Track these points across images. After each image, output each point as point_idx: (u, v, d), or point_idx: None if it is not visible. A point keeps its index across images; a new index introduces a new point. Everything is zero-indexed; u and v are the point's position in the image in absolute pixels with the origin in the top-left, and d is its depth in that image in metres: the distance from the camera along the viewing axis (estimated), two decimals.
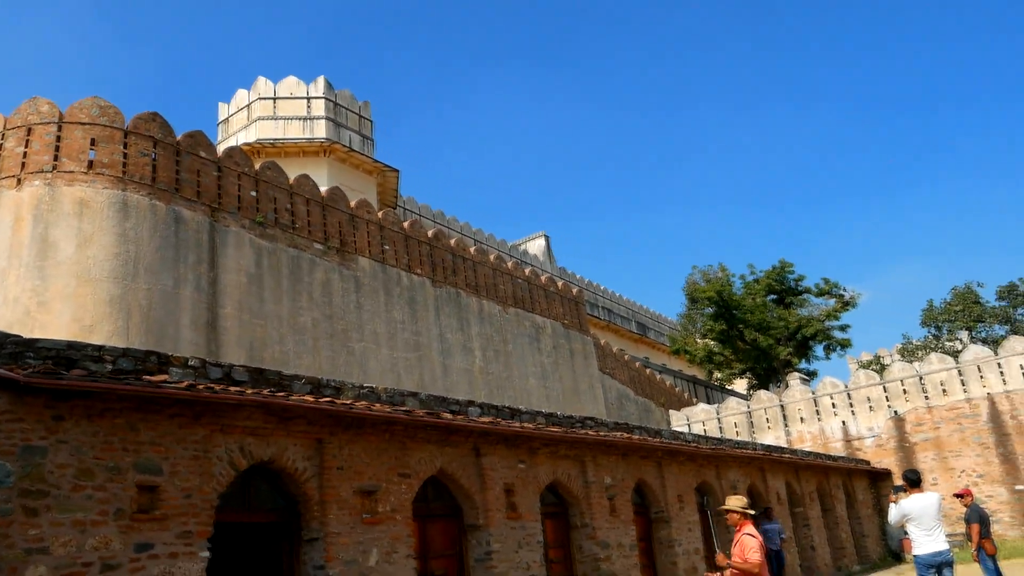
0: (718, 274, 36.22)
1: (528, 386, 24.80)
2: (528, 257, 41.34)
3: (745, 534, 6.91)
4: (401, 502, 9.03)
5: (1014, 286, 38.42)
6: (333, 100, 29.92)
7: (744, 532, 6.94)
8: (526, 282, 26.83)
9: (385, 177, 30.89)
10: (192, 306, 16.00)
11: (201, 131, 17.71)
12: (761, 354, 35.14)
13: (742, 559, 6.77)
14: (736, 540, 6.94)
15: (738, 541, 6.91)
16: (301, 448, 8.10)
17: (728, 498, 7.31)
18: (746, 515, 7.08)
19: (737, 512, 7.08)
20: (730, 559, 6.92)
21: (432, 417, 9.37)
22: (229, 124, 30.54)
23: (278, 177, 19.10)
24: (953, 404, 25.27)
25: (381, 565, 8.47)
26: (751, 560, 6.72)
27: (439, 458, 9.82)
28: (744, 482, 17.44)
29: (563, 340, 27.58)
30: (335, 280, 19.50)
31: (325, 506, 8.09)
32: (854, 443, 26.77)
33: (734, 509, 7.11)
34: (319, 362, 18.18)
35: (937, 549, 9.27)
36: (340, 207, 20.46)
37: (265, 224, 18.13)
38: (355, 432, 8.68)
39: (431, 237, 23.32)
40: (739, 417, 29.48)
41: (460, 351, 22.66)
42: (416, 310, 21.67)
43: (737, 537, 6.96)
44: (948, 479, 24.35)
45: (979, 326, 38.01)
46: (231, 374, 7.64)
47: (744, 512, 7.08)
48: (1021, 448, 23.85)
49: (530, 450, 11.39)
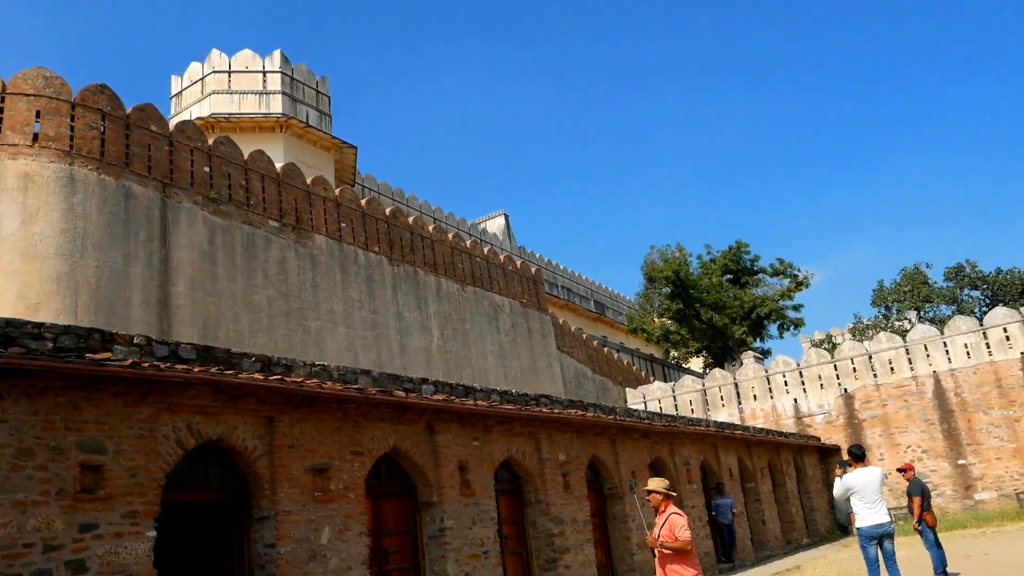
0: (675, 254, 36.62)
1: (486, 365, 24.87)
2: (487, 236, 41.30)
3: (672, 513, 7.00)
4: (354, 480, 9.03)
5: (961, 267, 39.43)
6: (289, 75, 29.44)
7: (670, 512, 7.02)
8: (485, 261, 26.82)
9: (343, 154, 30.56)
10: (143, 284, 15.72)
11: (152, 104, 17.31)
12: (717, 333, 35.68)
13: (672, 538, 6.85)
14: (664, 520, 7.01)
15: (666, 521, 6.97)
16: (251, 426, 8.04)
17: (650, 480, 7.36)
18: (669, 496, 7.18)
19: (660, 493, 7.14)
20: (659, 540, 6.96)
21: (385, 395, 9.37)
22: (182, 98, 29.89)
23: (232, 152, 18.78)
24: (900, 382, 25.95)
25: (333, 543, 8.48)
26: (683, 538, 6.81)
27: (392, 436, 9.83)
28: (697, 458, 17.75)
29: (521, 319, 27.68)
30: (291, 258, 19.29)
31: (276, 484, 8.06)
32: (805, 420, 27.37)
33: (657, 490, 7.16)
34: (274, 341, 18.01)
35: (878, 521, 9.58)
36: (296, 184, 20.20)
37: (219, 200, 17.83)
38: (307, 410, 8.65)
39: (389, 215, 23.16)
40: (694, 395, 29.93)
41: (418, 330, 22.62)
42: (373, 288, 21.56)
43: (663, 517, 7.03)
44: (894, 454, 25.04)
45: (927, 306, 39.00)
46: (178, 352, 7.55)
47: (667, 493, 7.17)
48: (964, 424, 24.61)
49: (484, 428, 11.45)
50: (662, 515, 7.09)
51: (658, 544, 6.94)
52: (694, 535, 16.28)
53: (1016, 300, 33.37)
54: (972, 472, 24.29)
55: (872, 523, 9.58)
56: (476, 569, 10.37)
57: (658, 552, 6.99)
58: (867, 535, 9.63)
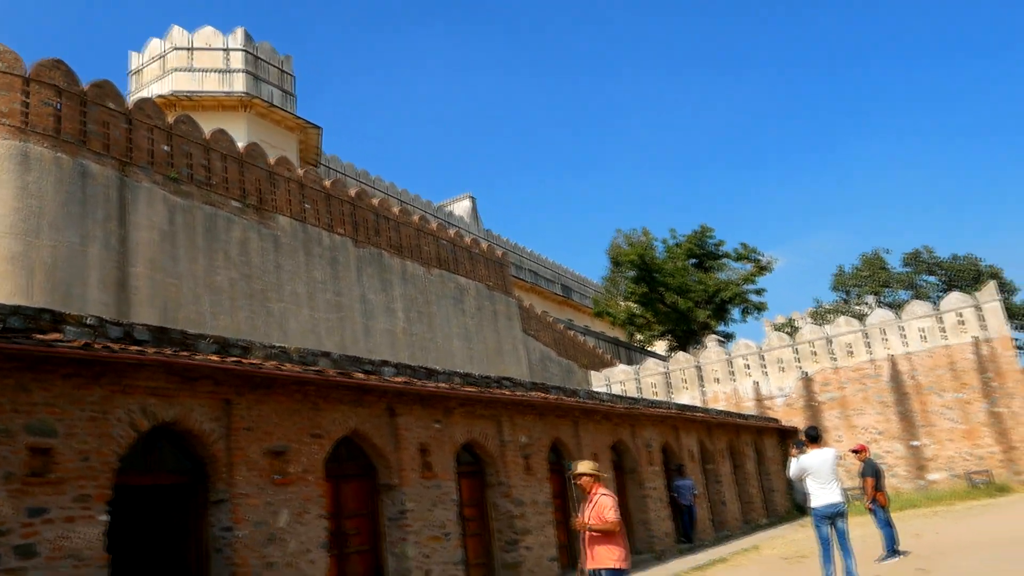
0: (641, 238, 36.82)
1: (451, 347, 24.87)
2: (454, 218, 41.16)
3: (600, 495, 7.01)
4: (313, 462, 9.01)
5: (918, 253, 40.18)
6: (253, 53, 28.97)
7: (599, 493, 7.03)
8: (450, 243, 26.75)
9: (307, 134, 30.20)
10: (100, 264, 15.45)
11: (110, 81, 16.93)
12: (681, 316, 36.01)
13: (600, 520, 6.86)
14: (592, 502, 7.00)
15: (595, 503, 6.98)
16: (207, 409, 7.98)
17: (577, 463, 7.34)
18: (598, 478, 7.17)
19: (589, 475, 7.13)
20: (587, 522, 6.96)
21: (344, 377, 9.34)
22: (141, 75, 29.29)
23: (193, 131, 18.47)
24: (858, 365, 26.45)
25: (292, 526, 8.46)
26: (610, 519, 6.82)
27: (352, 418, 9.81)
28: (658, 440, 17.97)
29: (487, 302, 27.70)
30: (253, 239, 19.07)
31: (233, 467, 8.01)
32: (765, 402, 27.80)
33: (587, 472, 7.15)
34: (236, 323, 17.83)
35: (831, 501, 9.77)
36: (259, 164, 19.94)
37: (179, 180, 17.55)
38: (265, 392, 8.59)
39: (354, 196, 22.97)
40: (657, 378, 30.24)
41: (383, 312, 22.54)
42: (338, 270, 21.41)
43: (593, 499, 7.02)
44: (851, 436, 25.55)
45: (885, 291, 39.72)
46: (132, 333, 7.44)
47: (596, 475, 7.16)
48: (918, 406, 25.19)
49: (446, 410, 11.47)
50: (592, 497, 7.07)
51: (586, 527, 6.92)
52: (656, 516, 16.59)
53: (971, 286, 34.09)
54: (925, 453, 24.90)
55: (825, 503, 9.78)
56: (436, 551, 10.42)
57: (586, 535, 6.97)
58: (821, 515, 9.83)
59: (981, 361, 24.69)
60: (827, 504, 9.77)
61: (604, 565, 6.87)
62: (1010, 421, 24.11)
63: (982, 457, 24.18)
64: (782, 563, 13.53)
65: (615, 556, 6.85)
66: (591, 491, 7.12)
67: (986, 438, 24.26)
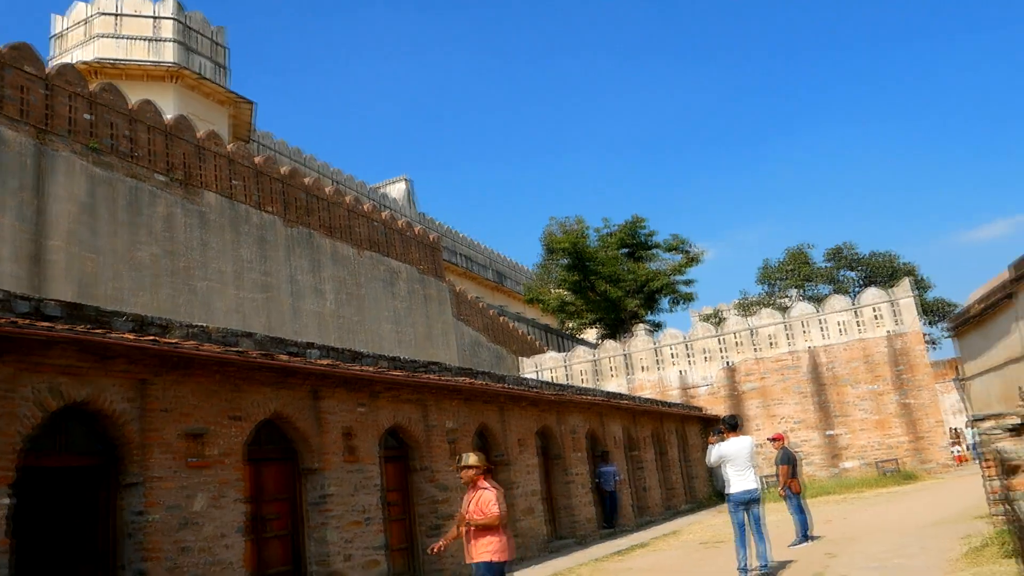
0: (575, 226, 37.07)
1: (381, 331, 24.68)
2: (388, 201, 40.75)
3: (483, 488, 6.95)
4: (232, 445, 8.83)
5: (840, 249, 41.57)
6: (184, 22, 28.06)
7: (482, 487, 6.97)
8: (383, 225, 26.48)
9: (239, 109, 29.45)
10: (13, 236, 14.79)
11: (28, 44, 16.17)
12: (611, 305, 36.46)
13: (482, 513, 6.81)
14: (476, 495, 6.95)
15: (478, 496, 6.92)
16: (122, 389, 7.73)
17: (464, 456, 7.23)
18: (484, 471, 7.10)
19: (473, 468, 7.05)
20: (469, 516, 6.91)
21: (267, 359, 9.17)
22: (64, 40, 28.08)
23: (117, 101, 17.79)
24: (779, 356, 27.26)
25: (208, 510, 8.29)
26: (492, 512, 6.76)
27: (275, 400, 9.64)
28: (584, 427, 18.19)
29: (419, 285, 27.55)
30: (178, 214, 18.53)
31: (147, 449, 7.80)
32: (690, 391, 28.43)
33: (471, 465, 7.06)
34: (158, 300, 17.33)
35: (747, 488, 10.06)
36: (187, 137, 19.35)
37: (101, 151, 16.90)
38: (183, 373, 8.37)
39: (285, 174, 22.51)
40: (586, 365, 30.61)
41: (312, 293, 22.20)
42: (266, 250, 20.98)
43: (477, 492, 6.97)
44: (771, 425, 26.36)
45: (807, 285, 41.00)
46: (41, 308, 7.16)
47: (481, 467, 7.08)
48: (834, 397, 26.13)
49: (372, 394, 11.38)
50: (475, 490, 7.01)
51: (469, 521, 6.86)
52: (579, 502, 16.81)
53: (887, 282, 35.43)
54: (840, 442, 25.85)
55: (741, 489, 10.06)
56: (358, 536, 10.36)
57: (467, 529, 6.89)
58: (736, 501, 10.10)
59: (894, 354, 25.73)
60: (743, 491, 10.04)
61: (480, 558, 6.80)
62: (919, 412, 25.21)
63: (892, 446, 25.24)
64: (700, 547, 13.88)
65: (492, 548, 6.77)
66: (475, 484, 7.05)
67: (896, 428, 25.33)
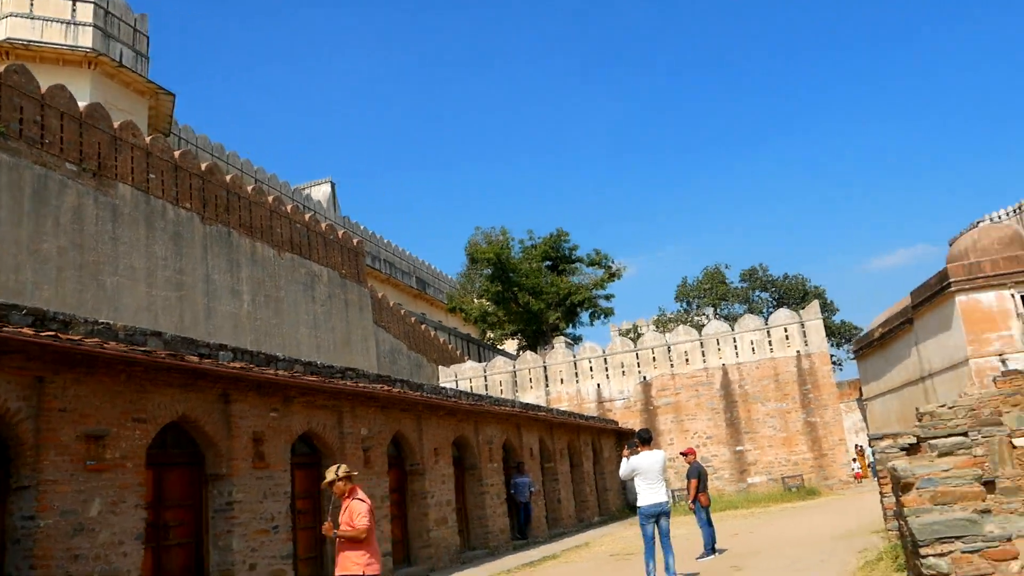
0: (499, 237, 37.23)
1: (298, 335, 24.20)
2: (311, 202, 40.05)
3: (355, 499, 6.89)
4: (134, 448, 8.49)
5: (755, 270, 43.01)
6: (104, 7, 27.01)
7: (354, 498, 6.91)
8: (305, 227, 26.01)
9: (159, 100, 28.50)
10: None
11: None
12: (532, 317, 36.71)
13: (351, 525, 6.76)
14: (345, 507, 6.89)
15: (347, 508, 6.86)
16: (16, 387, 7.35)
17: (328, 470, 7.14)
18: (351, 480, 7.05)
19: (342, 480, 6.99)
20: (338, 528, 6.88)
21: (175, 360, 8.87)
22: None
23: (27, 84, 16.98)
24: (693, 372, 27.90)
25: (104, 515, 7.94)
26: (359, 525, 6.71)
27: (182, 403, 9.33)
28: (500, 437, 18.21)
29: (339, 290, 27.14)
30: (89, 206, 17.78)
31: (40, 451, 7.42)
32: (606, 404, 28.81)
33: (341, 477, 7.00)
34: (63, 295, 16.57)
35: (657, 501, 10.23)
36: (101, 127, 18.60)
37: (6, 135, 16.09)
38: (85, 371, 8.02)
39: (205, 170, 21.88)
40: (505, 376, 30.68)
41: (228, 294, 21.61)
42: (181, 247, 20.33)
43: (346, 504, 6.91)
44: (683, 439, 26.92)
45: (723, 304, 42.22)
46: None
47: (349, 478, 7.02)
48: (744, 414, 26.89)
49: (285, 398, 11.13)
50: (346, 502, 6.95)
51: (335, 534, 6.81)
52: (492, 512, 16.81)
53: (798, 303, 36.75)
54: (748, 458, 26.60)
55: (651, 502, 10.23)
56: (264, 544, 10.09)
57: (337, 540, 6.84)
58: (646, 513, 10.26)
59: (801, 374, 26.66)
60: (652, 503, 10.22)
61: (350, 572, 6.75)
62: (822, 430, 26.16)
63: (797, 463, 26.11)
64: (610, 559, 14.05)
65: (362, 562, 6.74)
66: (346, 495, 6.98)
67: (801, 445, 26.21)
